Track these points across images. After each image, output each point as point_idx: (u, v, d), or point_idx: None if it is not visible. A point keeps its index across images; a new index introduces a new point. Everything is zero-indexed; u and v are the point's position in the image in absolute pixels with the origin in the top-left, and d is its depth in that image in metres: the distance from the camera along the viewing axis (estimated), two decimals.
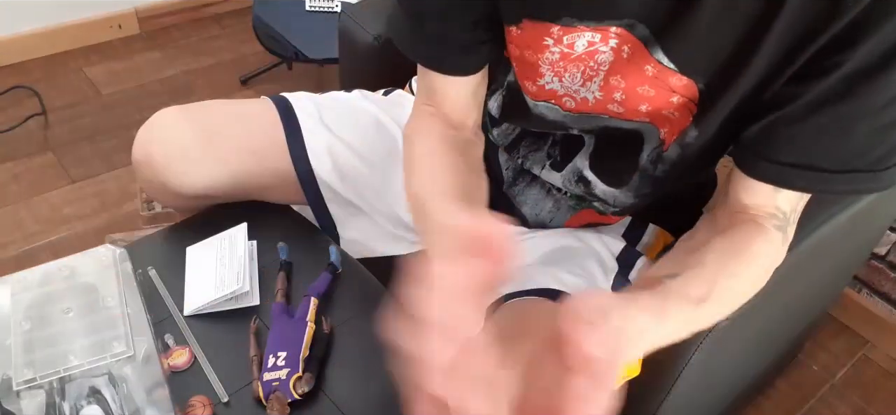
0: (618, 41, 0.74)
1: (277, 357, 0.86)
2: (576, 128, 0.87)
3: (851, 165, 0.69)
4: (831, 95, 0.66)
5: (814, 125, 0.68)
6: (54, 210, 1.94)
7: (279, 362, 0.86)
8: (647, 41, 0.72)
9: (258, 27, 2.23)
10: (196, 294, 0.94)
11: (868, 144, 0.68)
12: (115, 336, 0.81)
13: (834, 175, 0.70)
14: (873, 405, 1.65)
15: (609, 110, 0.81)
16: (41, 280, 0.87)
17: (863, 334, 1.80)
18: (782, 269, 0.79)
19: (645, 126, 0.81)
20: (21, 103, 2.27)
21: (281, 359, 0.86)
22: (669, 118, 0.79)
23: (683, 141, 0.81)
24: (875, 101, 0.65)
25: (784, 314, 1.23)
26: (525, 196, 1.01)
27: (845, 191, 0.72)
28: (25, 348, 0.79)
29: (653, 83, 0.75)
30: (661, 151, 0.84)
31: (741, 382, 1.40)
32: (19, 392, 0.77)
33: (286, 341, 0.88)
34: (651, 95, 0.76)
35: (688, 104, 0.76)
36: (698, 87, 0.74)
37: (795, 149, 0.70)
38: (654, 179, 0.88)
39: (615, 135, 0.84)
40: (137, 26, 2.66)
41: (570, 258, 0.96)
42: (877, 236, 1.56)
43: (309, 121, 1.08)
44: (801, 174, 0.71)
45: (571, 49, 0.76)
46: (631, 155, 0.86)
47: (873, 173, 0.70)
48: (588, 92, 0.80)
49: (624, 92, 0.77)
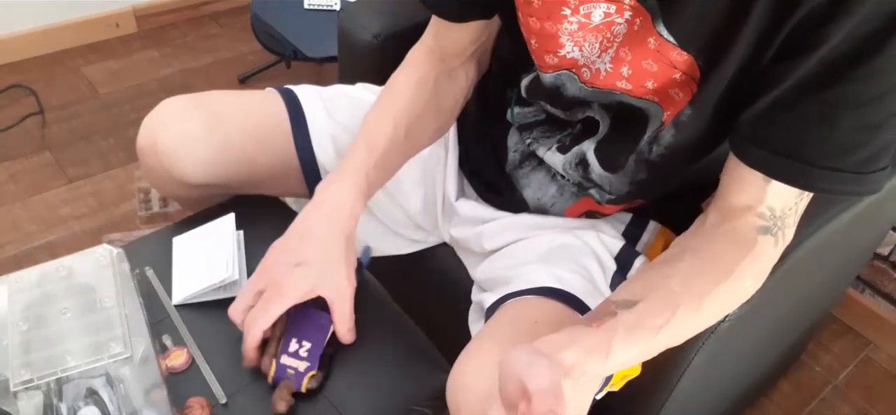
0: (631, 13, 0.75)
1: (301, 346, 0.85)
2: (596, 104, 0.88)
3: (836, 163, 0.70)
4: (815, 80, 0.68)
5: (800, 112, 0.70)
6: (51, 210, 1.93)
7: (302, 352, 0.85)
8: (654, 13, 0.74)
9: (257, 26, 2.22)
10: (184, 284, 0.94)
11: (853, 142, 0.70)
12: (113, 337, 0.81)
13: (819, 171, 0.71)
14: (876, 406, 1.65)
15: (618, 86, 0.82)
16: (38, 280, 0.87)
17: (865, 334, 1.80)
18: (784, 269, 0.79)
19: (651, 105, 0.83)
20: (18, 102, 2.26)
21: (303, 350, 0.85)
22: (674, 99, 0.80)
23: (678, 120, 0.82)
24: (858, 91, 0.67)
25: (786, 315, 1.23)
26: (529, 179, 1.02)
27: (829, 189, 0.72)
28: (23, 349, 0.79)
29: (655, 57, 0.76)
30: (658, 131, 0.85)
31: (743, 383, 1.40)
32: (17, 393, 0.76)
33: (310, 331, 0.87)
34: (655, 71, 0.78)
35: (689, 83, 0.78)
36: (699, 65, 0.75)
37: (784, 136, 0.71)
38: (648, 163, 0.89)
39: (627, 113, 0.85)
40: (135, 25, 2.65)
41: (569, 256, 0.97)
42: (880, 237, 1.56)
43: (314, 111, 1.09)
44: (788, 165, 0.72)
45: (589, 19, 0.78)
46: (634, 137, 0.87)
47: (858, 175, 0.71)
48: (602, 63, 0.81)
49: (630, 66, 0.79)
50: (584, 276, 0.94)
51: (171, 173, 1.01)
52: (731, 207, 0.78)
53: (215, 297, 0.93)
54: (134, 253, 0.96)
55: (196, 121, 1.01)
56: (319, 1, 2.24)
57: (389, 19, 1.32)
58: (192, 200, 1.12)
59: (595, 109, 0.89)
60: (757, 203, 0.76)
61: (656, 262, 0.80)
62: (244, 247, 1.00)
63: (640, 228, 1.04)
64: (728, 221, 0.77)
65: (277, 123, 1.07)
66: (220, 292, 0.93)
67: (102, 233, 1.86)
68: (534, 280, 0.92)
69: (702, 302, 0.74)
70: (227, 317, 0.89)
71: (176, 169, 1.00)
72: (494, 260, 1.03)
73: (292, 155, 1.07)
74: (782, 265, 0.81)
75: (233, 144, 1.03)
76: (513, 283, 0.93)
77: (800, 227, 0.80)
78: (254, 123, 1.06)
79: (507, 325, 0.88)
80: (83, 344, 0.80)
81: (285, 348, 0.85)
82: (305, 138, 1.07)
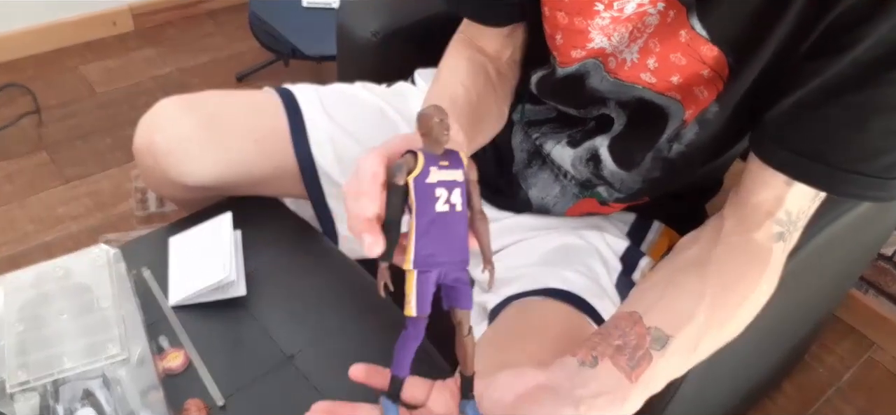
0: (665, 5, 0.75)
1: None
2: (612, 101, 0.87)
3: (861, 167, 0.69)
4: (845, 82, 0.67)
5: (829, 114, 0.69)
6: (48, 210, 1.93)
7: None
8: (690, 6, 0.73)
9: (254, 23, 2.22)
10: (181, 285, 0.93)
11: (880, 147, 0.68)
12: (110, 338, 0.80)
13: (843, 174, 0.70)
14: (879, 408, 1.65)
15: (642, 79, 0.81)
16: (35, 281, 0.86)
17: (869, 335, 1.80)
18: (788, 270, 0.79)
19: (673, 103, 0.82)
20: (14, 102, 2.26)
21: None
22: (697, 96, 0.80)
23: (704, 118, 0.81)
24: (889, 95, 0.66)
25: (790, 316, 1.23)
26: (536, 178, 1.01)
27: (852, 194, 0.71)
28: (19, 350, 0.78)
29: (685, 51, 0.76)
30: (681, 129, 0.84)
31: (746, 384, 1.39)
32: (13, 395, 0.76)
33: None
34: (682, 65, 0.77)
35: (715, 80, 0.77)
36: (728, 62, 0.75)
37: (810, 137, 0.70)
38: (665, 160, 0.88)
39: (645, 111, 0.84)
40: (132, 23, 2.65)
41: (574, 257, 0.96)
42: (883, 237, 1.55)
43: (312, 110, 1.08)
44: (812, 167, 0.71)
45: (621, 13, 0.77)
46: (652, 135, 0.86)
47: (882, 180, 0.70)
48: (630, 53, 0.81)
49: (657, 59, 0.78)
50: (590, 277, 0.93)
51: (168, 175, 1.00)
52: (749, 211, 0.77)
53: (212, 298, 0.92)
54: (131, 253, 0.96)
55: (193, 122, 1.01)
56: None
57: (388, 17, 1.32)
58: (188, 201, 1.11)
59: (611, 107, 0.88)
60: (776, 206, 0.75)
61: (678, 268, 0.78)
62: (242, 247, 0.99)
63: (645, 228, 1.03)
64: (747, 231, 0.76)
65: (275, 124, 1.06)
66: (217, 293, 0.92)
67: (99, 233, 1.85)
68: (539, 281, 0.92)
69: (723, 328, 0.75)
70: (225, 318, 0.88)
71: (172, 170, 1.00)
72: (497, 260, 1.02)
73: (290, 156, 1.06)
74: (786, 266, 0.81)
75: (230, 146, 1.02)
76: (517, 284, 0.93)
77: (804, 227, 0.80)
78: (251, 124, 1.05)
79: (512, 326, 0.88)
80: (80, 345, 0.79)
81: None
82: (303, 139, 1.07)
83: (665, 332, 0.71)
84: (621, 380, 0.68)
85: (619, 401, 0.67)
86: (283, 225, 1.07)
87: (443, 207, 0.61)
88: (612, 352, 0.70)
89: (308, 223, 1.10)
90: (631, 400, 0.68)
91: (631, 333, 0.71)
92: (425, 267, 0.61)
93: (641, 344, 0.71)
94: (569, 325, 0.87)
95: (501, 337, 0.86)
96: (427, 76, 1.20)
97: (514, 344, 0.83)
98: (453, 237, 0.62)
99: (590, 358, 0.69)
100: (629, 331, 0.72)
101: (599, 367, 0.69)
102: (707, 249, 0.78)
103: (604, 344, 0.71)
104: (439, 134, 0.61)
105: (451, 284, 0.62)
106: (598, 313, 0.89)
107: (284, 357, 0.88)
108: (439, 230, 0.61)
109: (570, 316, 0.88)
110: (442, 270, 0.61)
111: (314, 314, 0.94)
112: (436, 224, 0.61)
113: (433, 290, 0.61)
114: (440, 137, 0.61)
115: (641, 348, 0.70)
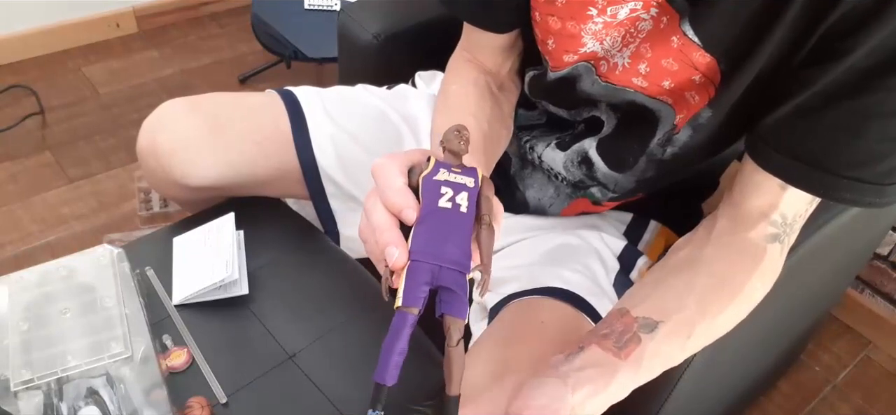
0: (658, 11, 0.75)
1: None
2: (603, 104, 0.87)
3: (858, 173, 0.69)
4: (843, 88, 0.66)
5: (827, 120, 0.68)
6: (52, 210, 1.93)
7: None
8: (683, 13, 0.73)
9: (257, 26, 2.23)
10: (184, 284, 0.94)
11: (877, 152, 0.68)
12: (113, 337, 0.81)
13: (840, 180, 0.69)
14: (875, 406, 1.65)
15: (633, 83, 0.81)
16: (39, 280, 0.87)
17: (865, 334, 1.80)
18: (785, 270, 0.79)
19: (664, 106, 0.82)
20: (19, 103, 2.27)
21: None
22: (688, 101, 0.79)
23: (696, 122, 0.81)
24: (887, 101, 0.65)
25: (786, 315, 1.23)
26: (531, 180, 1.02)
27: (848, 200, 0.71)
28: (23, 349, 0.79)
29: (676, 56, 0.75)
30: (673, 134, 0.84)
31: (743, 383, 1.39)
32: (17, 393, 0.76)
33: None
34: (674, 70, 0.77)
35: (707, 86, 0.77)
36: (721, 68, 0.74)
37: (807, 143, 0.70)
38: (659, 162, 0.88)
39: (636, 114, 0.84)
40: (136, 25, 2.65)
41: (572, 256, 0.96)
42: (879, 237, 1.56)
43: (314, 112, 1.08)
44: (809, 172, 0.71)
45: (614, 18, 0.77)
46: (643, 139, 0.86)
47: (879, 187, 0.69)
48: (621, 57, 0.80)
49: (649, 64, 0.78)
50: (588, 276, 0.93)
51: (171, 176, 1.01)
52: (743, 213, 0.77)
53: (215, 296, 0.93)
54: (134, 253, 0.96)
55: (196, 123, 1.01)
56: (320, 1, 2.24)
57: (389, 19, 1.32)
58: (192, 202, 1.11)
59: (602, 109, 0.89)
60: (771, 209, 0.75)
61: (669, 269, 0.79)
62: (244, 247, 1.00)
63: (641, 227, 1.03)
64: (740, 231, 0.76)
65: (277, 125, 1.06)
66: (220, 292, 0.93)
67: (103, 233, 1.86)
68: (538, 280, 0.92)
69: (716, 319, 0.74)
70: (227, 317, 0.88)
71: (176, 171, 1.00)
72: (496, 260, 1.03)
73: (292, 157, 1.07)
74: (782, 266, 0.81)
75: (232, 147, 1.03)
76: (516, 283, 0.93)
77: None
78: (254, 126, 1.06)
79: (512, 325, 0.88)
80: (83, 344, 0.80)
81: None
82: (305, 141, 1.07)
83: (654, 319, 0.71)
84: (608, 357, 0.68)
85: (608, 374, 0.67)
86: (285, 225, 1.08)
87: (445, 204, 0.62)
88: (599, 339, 0.70)
89: (310, 223, 1.10)
90: (620, 377, 0.68)
91: (617, 323, 0.72)
92: (416, 256, 0.60)
93: (628, 329, 0.71)
94: (568, 324, 0.87)
95: (501, 335, 0.86)
96: (427, 78, 1.21)
97: (514, 342, 0.83)
98: (450, 235, 0.61)
99: (576, 349, 0.70)
100: (616, 322, 0.72)
101: (586, 350, 0.69)
102: (698, 247, 0.78)
103: (590, 335, 0.72)
104: (457, 144, 0.63)
105: (446, 287, 0.60)
106: (596, 312, 0.89)
107: (286, 356, 0.89)
108: (435, 223, 0.61)
109: (569, 315, 0.88)
110: (436, 269, 0.60)
111: (316, 313, 0.94)
112: (433, 216, 0.61)
113: (425, 287, 0.60)
114: (458, 147, 0.63)
115: (628, 332, 0.70)
